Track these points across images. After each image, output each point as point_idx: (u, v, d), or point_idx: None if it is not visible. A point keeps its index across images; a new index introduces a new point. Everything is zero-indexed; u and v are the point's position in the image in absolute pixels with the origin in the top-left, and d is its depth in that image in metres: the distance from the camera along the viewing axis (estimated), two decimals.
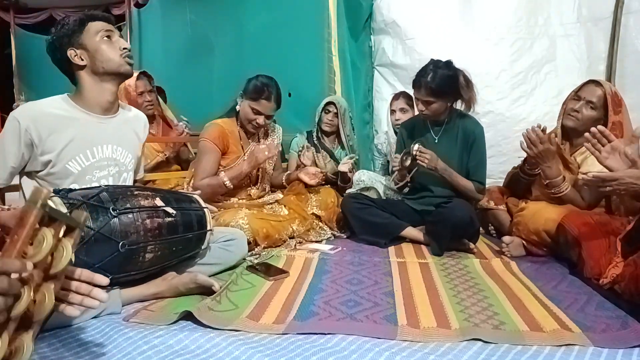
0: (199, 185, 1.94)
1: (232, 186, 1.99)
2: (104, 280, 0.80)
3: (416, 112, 2.58)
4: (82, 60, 1.35)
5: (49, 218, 0.71)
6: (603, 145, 1.38)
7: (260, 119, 2.06)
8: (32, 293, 0.66)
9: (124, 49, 1.39)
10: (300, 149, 2.48)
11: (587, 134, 1.41)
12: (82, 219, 0.77)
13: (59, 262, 0.71)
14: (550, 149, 1.75)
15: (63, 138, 1.32)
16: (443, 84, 1.95)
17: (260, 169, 2.17)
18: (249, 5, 3.32)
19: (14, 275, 0.62)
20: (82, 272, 0.79)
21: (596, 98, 1.82)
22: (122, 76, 1.41)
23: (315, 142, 2.68)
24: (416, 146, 1.98)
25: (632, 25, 2.49)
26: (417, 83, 2.00)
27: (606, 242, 1.47)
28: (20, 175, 1.37)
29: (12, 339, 0.67)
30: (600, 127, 1.40)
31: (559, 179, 1.78)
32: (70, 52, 1.34)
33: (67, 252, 0.72)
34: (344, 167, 2.45)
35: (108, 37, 1.37)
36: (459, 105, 2.11)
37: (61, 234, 0.73)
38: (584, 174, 1.79)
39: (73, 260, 0.78)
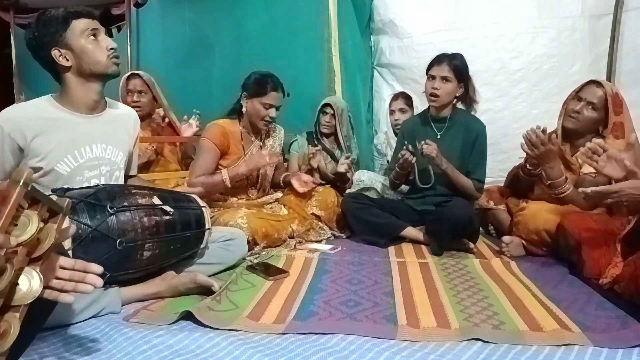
0: (194, 182, 1.94)
1: (229, 185, 1.98)
2: (98, 268, 0.80)
3: (415, 113, 2.59)
4: (68, 60, 1.31)
5: (32, 200, 0.71)
6: (599, 155, 1.39)
7: (273, 112, 2.06)
8: (13, 272, 0.66)
9: (111, 49, 1.34)
10: (308, 152, 2.47)
11: (582, 149, 1.44)
12: (65, 204, 0.77)
13: (43, 245, 0.72)
14: (552, 149, 1.74)
15: (50, 140, 1.29)
16: (462, 64, 2.04)
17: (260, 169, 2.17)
18: (248, 5, 3.31)
19: None
20: (76, 262, 0.79)
21: (597, 99, 1.82)
22: (109, 77, 1.38)
23: (315, 143, 2.68)
24: (423, 143, 1.96)
25: (631, 22, 2.49)
26: (438, 59, 2.06)
27: (606, 242, 1.47)
28: None
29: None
30: (597, 141, 1.41)
31: (561, 179, 1.77)
32: (55, 53, 1.29)
33: (51, 235, 0.72)
34: (341, 167, 2.44)
35: (94, 36, 1.32)
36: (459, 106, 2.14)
37: (42, 215, 0.73)
38: (586, 173, 1.80)
39: (71, 249, 0.79)
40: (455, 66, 2.01)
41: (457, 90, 2.05)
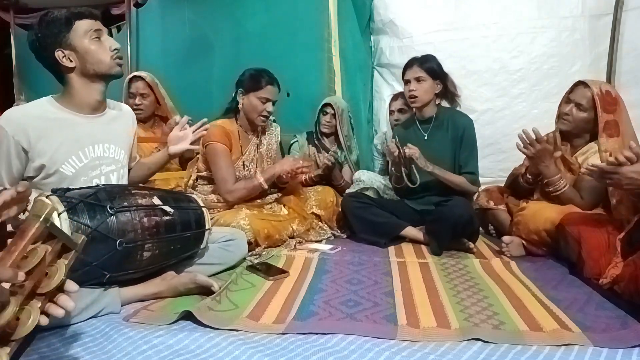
0: (234, 189, 1.97)
1: (266, 187, 2.04)
2: (74, 286, 0.76)
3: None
4: (71, 61, 1.31)
5: (49, 235, 0.70)
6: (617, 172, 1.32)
7: (269, 106, 2.06)
8: (17, 307, 0.65)
9: (115, 49, 1.34)
10: (309, 152, 2.48)
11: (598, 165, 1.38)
12: (80, 242, 0.76)
13: (52, 282, 0.70)
14: (547, 148, 1.76)
15: (53, 142, 1.30)
16: (433, 63, 2.09)
17: (258, 168, 2.17)
18: (248, 5, 3.31)
19: (5, 285, 0.62)
20: None
21: (585, 100, 1.83)
22: (112, 77, 1.38)
23: (316, 142, 2.68)
24: (405, 149, 1.98)
25: (631, 22, 2.49)
26: (408, 63, 2.12)
27: (606, 242, 1.47)
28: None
29: None
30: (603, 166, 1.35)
31: (557, 177, 1.79)
32: (58, 54, 1.29)
33: (60, 273, 0.71)
34: (323, 159, 2.43)
35: (97, 36, 1.32)
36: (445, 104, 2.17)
37: (56, 251, 0.72)
38: (585, 173, 1.80)
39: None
40: (426, 66, 2.06)
41: (435, 88, 2.09)
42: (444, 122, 2.12)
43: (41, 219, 0.66)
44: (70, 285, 0.75)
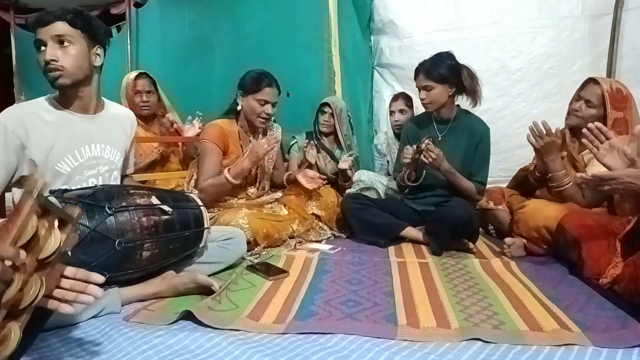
0: (202, 187, 1.94)
1: (236, 182, 1.98)
2: (100, 278, 0.80)
3: (415, 114, 2.60)
4: None
5: (43, 210, 0.71)
6: (601, 143, 1.36)
7: (269, 108, 2.06)
8: (21, 281, 0.66)
9: (45, 61, 1.26)
10: (304, 149, 2.50)
11: (584, 130, 1.40)
12: (76, 214, 0.77)
13: (47, 248, 0.71)
14: (556, 142, 1.77)
15: (50, 139, 1.30)
16: (442, 67, 1.99)
17: (259, 167, 2.17)
18: (248, 5, 3.31)
19: (7, 262, 0.63)
20: (77, 271, 0.79)
21: (595, 97, 1.84)
22: (60, 87, 1.32)
23: (315, 142, 2.68)
24: (426, 142, 1.96)
25: (631, 22, 2.49)
26: (417, 70, 2.06)
27: (606, 242, 1.47)
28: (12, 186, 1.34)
29: (0, 327, 0.67)
30: (597, 123, 1.38)
31: (562, 173, 1.80)
32: None
33: (56, 238, 0.72)
34: (343, 164, 2.45)
35: (39, 47, 1.27)
36: (466, 103, 2.11)
37: (54, 227, 0.73)
38: (583, 176, 1.80)
39: (69, 253, 0.78)
40: (431, 74, 1.99)
41: (447, 91, 2.03)
42: (461, 126, 2.09)
43: (33, 195, 0.66)
44: (97, 277, 0.80)
